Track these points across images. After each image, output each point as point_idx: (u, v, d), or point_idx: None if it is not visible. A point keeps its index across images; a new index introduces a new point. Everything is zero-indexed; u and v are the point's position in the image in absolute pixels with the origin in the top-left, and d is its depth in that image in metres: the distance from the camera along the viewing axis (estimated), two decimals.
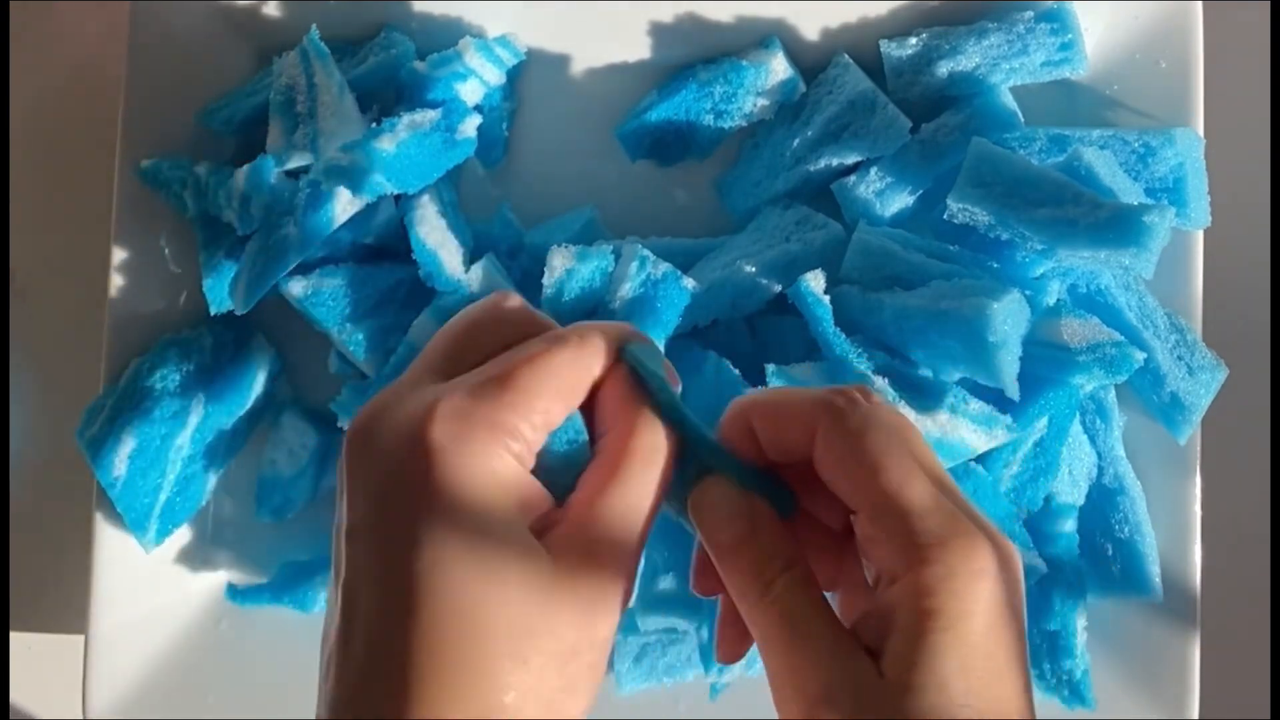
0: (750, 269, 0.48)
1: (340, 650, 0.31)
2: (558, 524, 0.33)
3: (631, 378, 0.35)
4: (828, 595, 0.34)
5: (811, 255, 0.49)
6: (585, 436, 0.36)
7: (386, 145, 0.47)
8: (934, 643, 0.30)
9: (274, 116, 0.50)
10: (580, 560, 0.33)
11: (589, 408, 0.35)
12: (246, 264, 0.49)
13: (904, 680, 0.30)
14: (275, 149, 0.49)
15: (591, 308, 0.47)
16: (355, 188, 0.47)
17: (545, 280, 0.47)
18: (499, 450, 0.32)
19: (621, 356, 0.35)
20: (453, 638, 0.30)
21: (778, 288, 0.49)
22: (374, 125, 0.48)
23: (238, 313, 0.49)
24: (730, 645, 0.37)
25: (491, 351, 0.35)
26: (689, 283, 0.47)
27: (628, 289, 0.46)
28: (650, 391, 0.35)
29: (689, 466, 0.35)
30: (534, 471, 0.34)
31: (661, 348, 0.46)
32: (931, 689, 0.30)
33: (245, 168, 0.49)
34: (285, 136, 0.49)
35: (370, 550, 0.32)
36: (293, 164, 0.49)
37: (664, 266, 0.46)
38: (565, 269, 0.46)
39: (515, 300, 0.37)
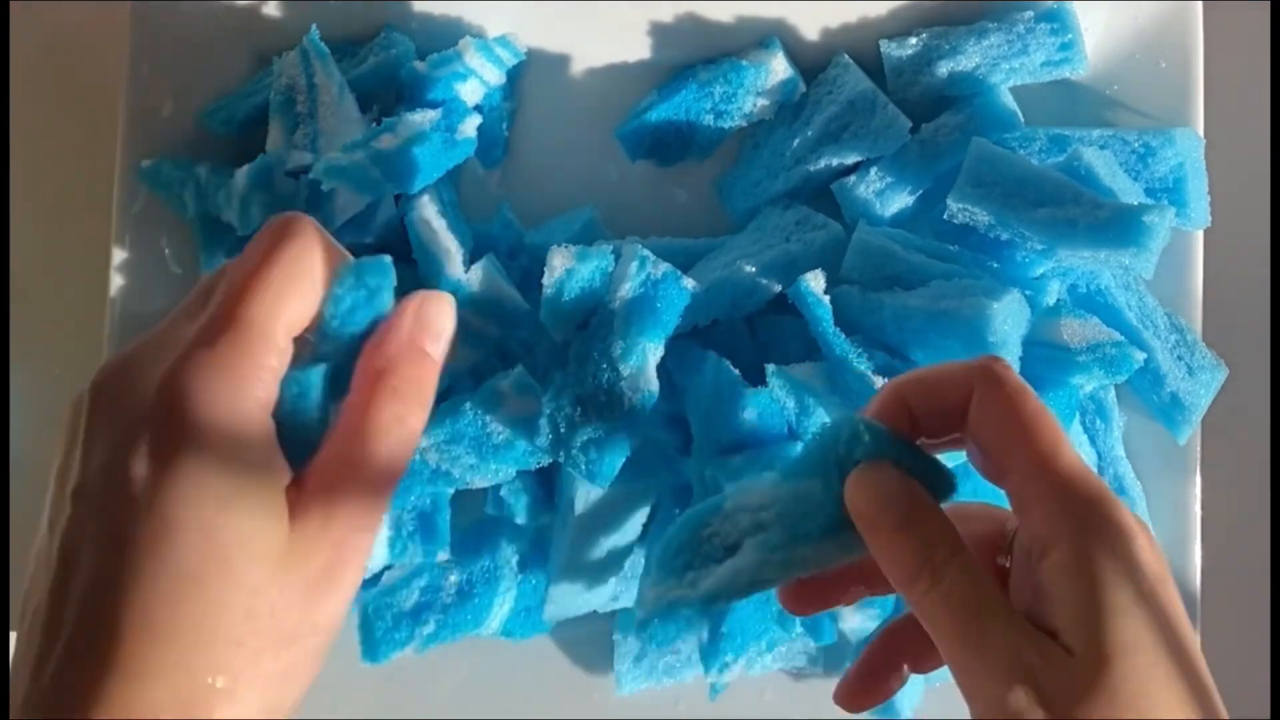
0: (750, 269, 0.48)
1: (49, 611, 0.30)
2: (309, 477, 0.32)
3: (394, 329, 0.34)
4: None
5: (811, 255, 0.49)
6: (318, 394, 0.33)
7: (387, 145, 0.47)
8: (1113, 603, 0.30)
9: (274, 117, 0.50)
10: (316, 535, 0.31)
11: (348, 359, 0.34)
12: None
13: (1097, 651, 0.29)
14: (275, 149, 0.49)
15: (592, 307, 0.47)
16: (356, 188, 0.47)
17: (545, 280, 0.47)
18: (246, 396, 0.31)
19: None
20: (167, 612, 0.29)
21: (778, 287, 0.48)
22: (374, 125, 0.48)
23: None
24: (865, 696, 0.36)
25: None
26: (689, 283, 0.47)
27: (628, 289, 0.46)
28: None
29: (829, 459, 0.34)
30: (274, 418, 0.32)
31: (662, 348, 0.46)
32: (1124, 653, 0.29)
33: (245, 168, 0.48)
34: (285, 136, 0.49)
35: (100, 510, 0.30)
36: (293, 164, 0.49)
37: (664, 266, 0.46)
38: (565, 269, 0.46)
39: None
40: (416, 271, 0.49)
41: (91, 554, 0.30)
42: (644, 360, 0.45)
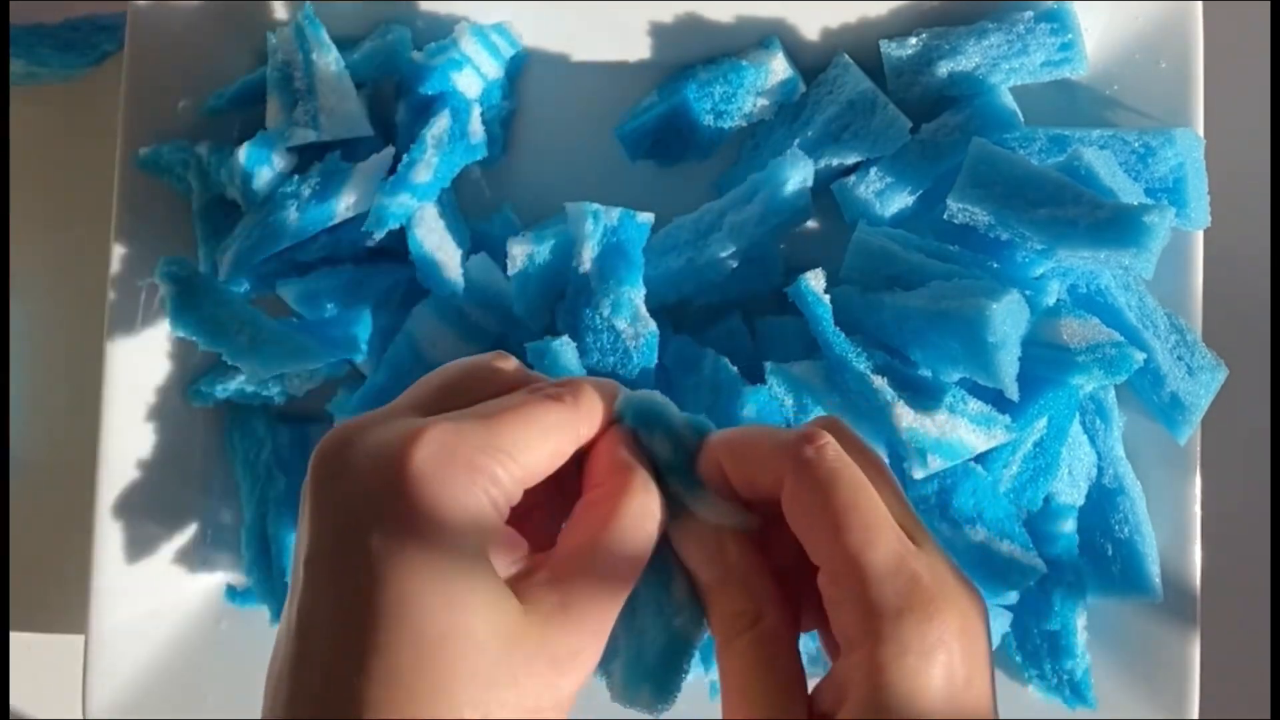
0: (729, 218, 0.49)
1: (292, 678, 0.30)
2: (535, 571, 0.32)
3: (630, 436, 0.35)
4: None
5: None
6: None
7: (424, 177, 0.48)
8: None
9: (272, 93, 0.50)
10: (554, 612, 0.31)
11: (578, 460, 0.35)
12: (239, 234, 0.49)
13: None
14: (275, 126, 0.49)
15: (564, 283, 0.47)
16: (401, 220, 0.48)
17: (510, 271, 0.47)
18: (477, 491, 0.31)
19: (620, 416, 0.35)
20: (413, 677, 0.29)
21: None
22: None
23: (219, 278, 0.49)
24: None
25: (480, 400, 0.34)
26: (644, 217, 0.47)
27: (591, 247, 0.46)
28: (647, 448, 0.35)
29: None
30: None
31: (642, 286, 0.47)
32: None
33: (246, 145, 0.49)
34: (285, 113, 0.49)
35: (332, 578, 0.30)
36: (295, 141, 0.49)
37: (616, 212, 0.47)
38: (527, 255, 0.47)
39: (512, 361, 0.36)
40: (414, 272, 0.50)
41: (331, 623, 0.30)
42: (634, 306, 0.46)
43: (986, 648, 0.32)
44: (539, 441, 0.33)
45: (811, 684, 0.33)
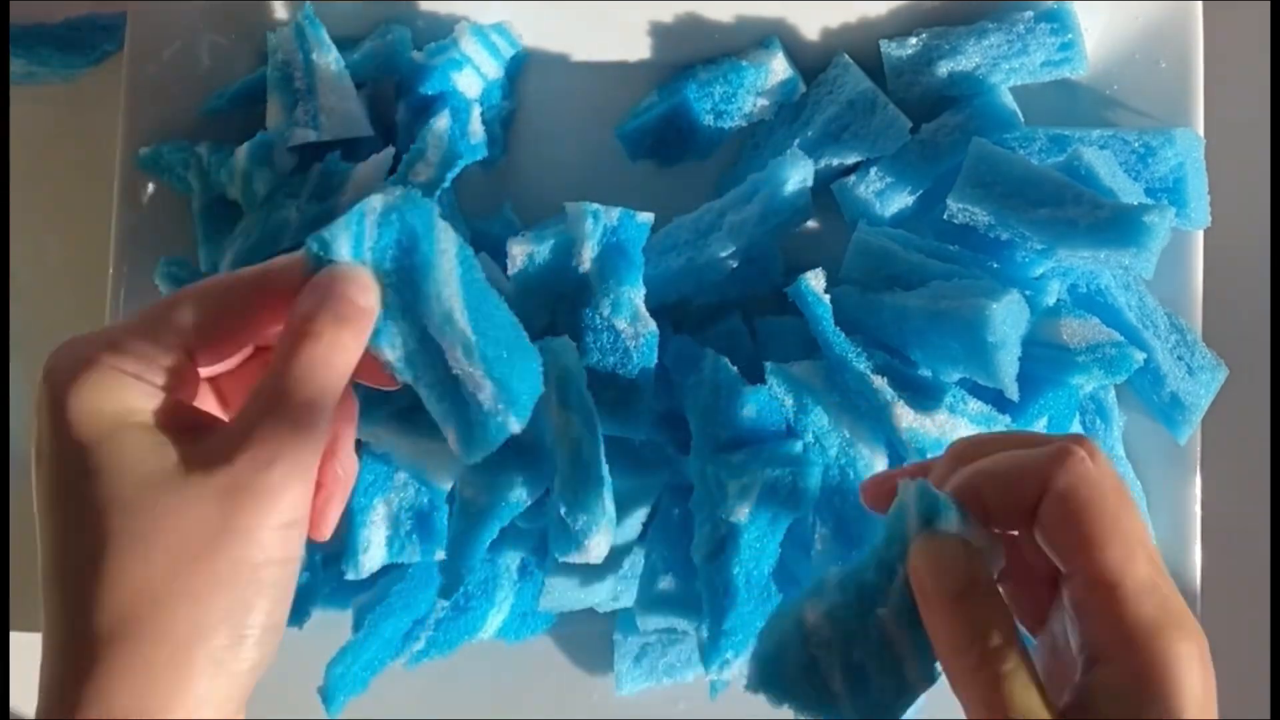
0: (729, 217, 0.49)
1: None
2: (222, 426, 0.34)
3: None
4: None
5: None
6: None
7: (423, 176, 0.48)
8: None
9: (272, 93, 0.50)
10: (223, 446, 0.32)
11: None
12: (239, 234, 0.49)
13: None
14: (275, 126, 0.49)
15: (563, 278, 0.47)
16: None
17: (509, 271, 0.47)
18: (113, 382, 0.33)
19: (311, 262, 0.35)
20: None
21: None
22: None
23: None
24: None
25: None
26: (644, 217, 0.47)
27: (591, 247, 0.46)
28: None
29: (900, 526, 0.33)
30: None
31: (642, 286, 0.47)
32: None
33: (246, 145, 0.49)
34: (285, 113, 0.49)
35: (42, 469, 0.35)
36: (295, 141, 0.49)
37: (615, 211, 0.47)
38: (527, 254, 0.47)
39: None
40: None
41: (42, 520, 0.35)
42: (634, 306, 0.46)
43: (1215, 693, 0.32)
44: (190, 308, 0.34)
45: None
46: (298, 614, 0.51)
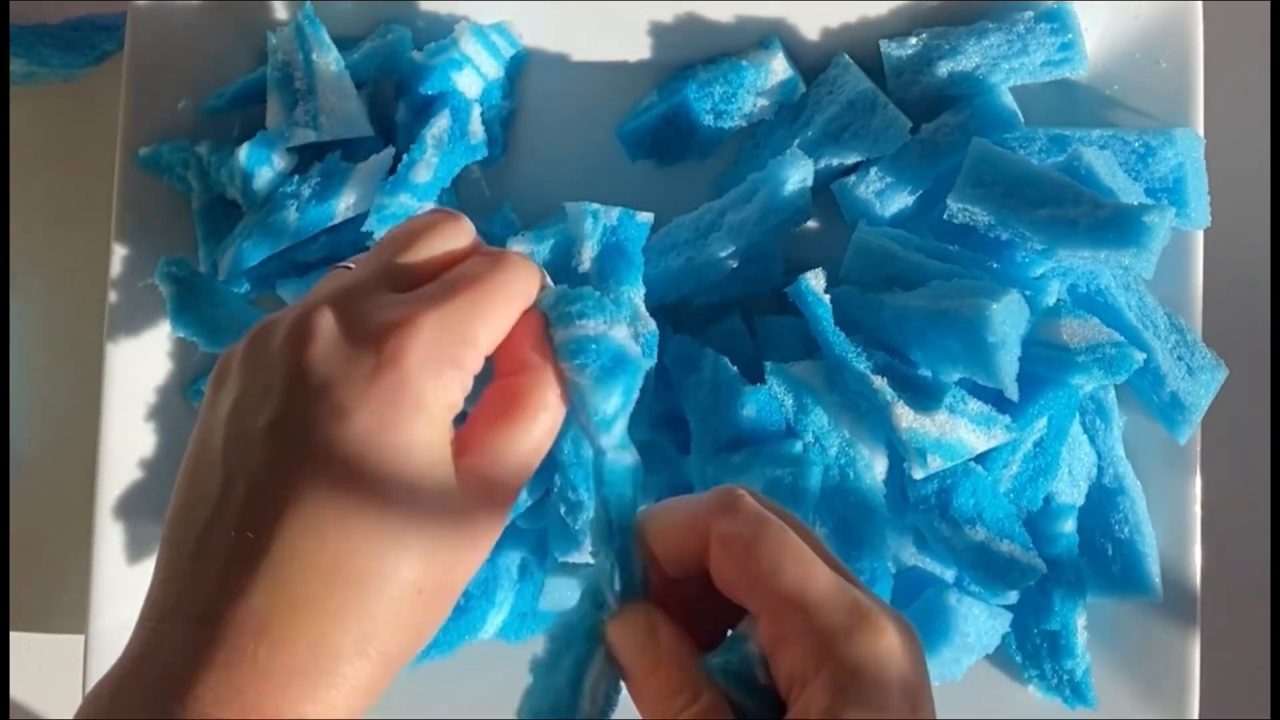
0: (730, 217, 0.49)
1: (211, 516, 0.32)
2: (461, 454, 0.34)
3: (542, 324, 0.36)
4: None
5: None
6: None
7: (424, 177, 0.48)
8: None
9: (272, 93, 0.50)
10: (475, 493, 0.33)
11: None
12: (239, 234, 0.49)
13: None
14: (276, 126, 0.49)
15: (564, 283, 0.47)
16: (399, 219, 0.48)
17: None
18: (456, 386, 0.33)
19: (536, 304, 0.36)
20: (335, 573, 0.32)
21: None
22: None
23: (219, 279, 0.49)
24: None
25: (439, 263, 0.36)
26: (644, 217, 0.47)
27: (591, 246, 0.46)
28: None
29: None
30: None
31: (642, 286, 0.47)
32: None
33: (246, 145, 0.49)
34: (285, 113, 0.49)
35: (298, 454, 0.32)
36: (295, 141, 0.49)
37: (615, 211, 0.47)
38: (526, 254, 0.47)
39: (463, 223, 0.38)
40: None
41: (270, 496, 0.32)
42: (633, 306, 0.46)
43: (926, 668, 0.32)
44: (500, 329, 0.35)
45: None
46: None
